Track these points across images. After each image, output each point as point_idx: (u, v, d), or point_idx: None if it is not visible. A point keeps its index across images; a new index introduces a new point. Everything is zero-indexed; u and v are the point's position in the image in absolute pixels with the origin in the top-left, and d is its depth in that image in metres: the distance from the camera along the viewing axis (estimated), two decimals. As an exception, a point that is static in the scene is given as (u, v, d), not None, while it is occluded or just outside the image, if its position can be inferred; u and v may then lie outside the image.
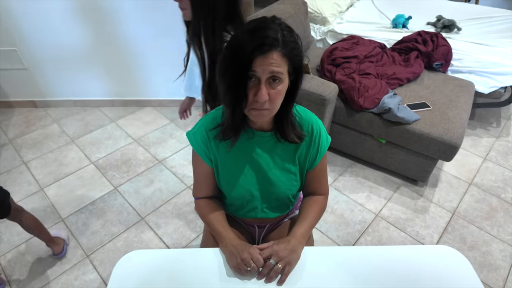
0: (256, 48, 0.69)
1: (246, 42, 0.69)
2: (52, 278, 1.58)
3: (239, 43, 0.71)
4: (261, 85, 0.72)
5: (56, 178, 2.10)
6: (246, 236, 1.13)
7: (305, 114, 0.90)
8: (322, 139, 0.91)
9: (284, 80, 0.74)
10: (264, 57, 0.69)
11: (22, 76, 2.49)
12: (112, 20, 2.23)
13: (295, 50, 0.73)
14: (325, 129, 0.94)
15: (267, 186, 0.94)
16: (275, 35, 0.69)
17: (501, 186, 2.10)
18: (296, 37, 0.74)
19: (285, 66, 0.72)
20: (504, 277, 1.63)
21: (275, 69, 0.70)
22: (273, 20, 0.73)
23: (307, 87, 1.84)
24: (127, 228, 1.81)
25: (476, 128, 2.57)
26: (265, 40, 0.69)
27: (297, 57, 0.74)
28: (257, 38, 0.69)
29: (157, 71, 2.52)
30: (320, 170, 0.96)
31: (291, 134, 0.86)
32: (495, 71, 2.27)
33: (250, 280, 0.84)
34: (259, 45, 0.69)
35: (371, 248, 0.98)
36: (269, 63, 0.70)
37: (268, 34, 0.69)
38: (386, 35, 2.64)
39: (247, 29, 0.72)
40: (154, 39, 2.34)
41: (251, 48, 0.69)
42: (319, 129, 0.90)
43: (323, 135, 0.91)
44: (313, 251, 0.93)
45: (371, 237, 1.80)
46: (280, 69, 0.71)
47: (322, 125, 0.92)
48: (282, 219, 1.14)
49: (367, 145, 2.10)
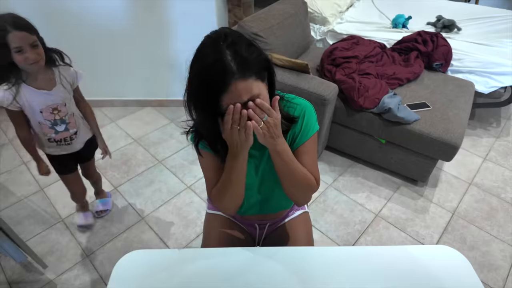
0: (217, 89, 0.68)
1: (206, 84, 0.69)
2: (52, 278, 1.58)
3: (200, 84, 0.70)
4: (242, 111, 0.70)
5: (56, 178, 2.07)
6: (245, 236, 1.13)
7: (293, 100, 0.89)
8: (306, 119, 0.88)
9: (262, 91, 0.72)
10: (229, 93, 0.68)
11: (22, 76, 2.49)
12: (112, 20, 2.23)
13: (254, 60, 0.70)
14: (314, 115, 0.90)
15: (264, 179, 0.95)
16: (227, 66, 0.66)
17: (501, 186, 2.10)
18: (250, 45, 0.71)
19: (257, 80, 0.70)
20: (504, 277, 1.63)
21: (244, 99, 0.69)
22: (217, 41, 0.69)
23: (307, 87, 1.84)
24: (127, 228, 1.81)
25: (476, 128, 2.57)
26: (220, 76, 0.66)
27: (260, 63, 0.72)
28: (213, 76, 0.67)
29: (157, 71, 2.52)
30: (303, 153, 0.89)
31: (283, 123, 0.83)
32: (495, 71, 2.26)
33: (251, 278, 0.84)
34: (219, 84, 0.67)
35: (371, 248, 0.98)
36: (237, 96, 0.69)
37: (223, 68, 0.66)
38: (386, 35, 2.64)
39: (200, 66, 0.70)
40: (155, 39, 2.34)
41: (213, 91, 0.68)
42: (305, 110, 0.88)
43: (308, 116, 0.88)
44: (313, 251, 0.93)
45: (371, 237, 1.80)
46: (257, 91, 0.70)
47: (309, 108, 0.89)
48: (281, 219, 1.14)
49: (367, 145, 2.10)
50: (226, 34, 0.70)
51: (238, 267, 0.88)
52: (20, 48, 1.10)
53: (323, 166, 2.22)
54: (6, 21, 1.09)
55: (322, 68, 2.19)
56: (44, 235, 1.77)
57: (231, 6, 2.87)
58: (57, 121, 1.35)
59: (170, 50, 2.39)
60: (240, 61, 0.67)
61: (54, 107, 1.31)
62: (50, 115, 1.32)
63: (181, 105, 0.80)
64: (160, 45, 2.37)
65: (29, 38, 1.12)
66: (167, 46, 2.37)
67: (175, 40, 2.35)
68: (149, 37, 2.33)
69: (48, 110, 1.30)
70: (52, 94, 1.28)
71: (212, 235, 1.10)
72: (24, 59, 1.12)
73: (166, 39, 2.33)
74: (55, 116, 1.33)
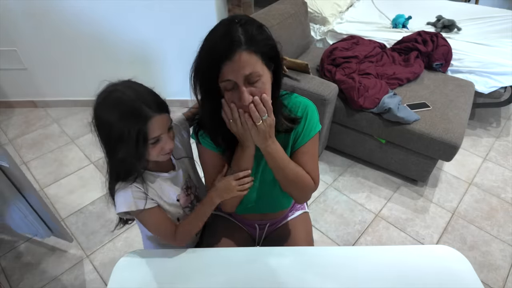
0: (222, 55, 0.67)
1: (211, 51, 0.69)
2: (52, 278, 1.58)
3: (205, 53, 0.71)
4: (241, 89, 0.70)
5: (56, 178, 2.09)
6: (245, 236, 1.13)
7: (294, 100, 0.89)
8: (309, 119, 0.88)
9: (264, 74, 0.71)
10: (232, 61, 0.67)
11: (22, 76, 2.49)
12: (112, 20, 2.23)
13: (263, 41, 0.70)
14: (317, 114, 0.90)
15: (264, 178, 0.95)
16: (235, 36, 0.67)
17: (501, 186, 2.10)
18: (261, 27, 0.71)
19: (259, 61, 0.70)
20: (504, 277, 1.63)
21: (245, 72, 0.68)
22: (232, 20, 0.70)
23: (307, 87, 1.84)
24: (127, 228, 1.81)
25: (476, 128, 2.57)
26: (227, 44, 0.67)
27: (267, 46, 0.72)
28: (220, 45, 0.67)
29: (157, 72, 2.52)
30: (305, 154, 0.89)
31: (281, 122, 0.83)
32: (495, 71, 2.26)
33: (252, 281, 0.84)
34: (224, 51, 0.67)
35: (371, 248, 0.98)
36: (239, 66, 0.67)
37: (231, 38, 0.67)
38: (386, 35, 2.63)
39: (209, 39, 0.71)
40: (155, 39, 2.34)
41: (217, 57, 0.68)
42: (308, 109, 0.88)
43: (311, 117, 0.88)
44: (313, 251, 0.93)
45: (371, 237, 1.80)
46: (252, 68, 0.69)
47: (313, 107, 0.89)
48: (281, 219, 1.14)
49: (367, 145, 2.10)
50: (241, 17, 0.71)
51: (238, 267, 0.88)
52: (159, 137, 0.77)
53: (323, 166, 2.22)
54: (140, 97, 0.73)
55: (322, 68, 2.19)
56: (44, 235, 1.77)
57: (231, 6, 2.88)
58: (194, 203, 0.98)
59: (170, 50, 2.39)
60: (249, 36, 0.68)
61: (186, 186, 0.95)
62: (186, 198, 0.95)
63: (182, 105, 0.81)
64: (161, 45, 2.37)
65: (168, 120, 0.79)
66: (167, 47, 2.37)
67: (176, 41, 2.34)
68: (149, 38, 2.33)
69: (184, 193, 0.94)
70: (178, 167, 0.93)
71: (212, 235, 1.10)
72: (160, 149, 0.79)
73: (167, 39, 2.33)
74: (191, 198, 0.97)
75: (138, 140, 0.72)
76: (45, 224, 1.51)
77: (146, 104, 0.72)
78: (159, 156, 0.81)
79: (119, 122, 0.72)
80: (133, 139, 0.72)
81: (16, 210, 1.41)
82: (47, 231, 1.55)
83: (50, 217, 1.47)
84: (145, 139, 0.74)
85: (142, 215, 0.83)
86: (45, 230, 1.54)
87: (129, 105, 0.72)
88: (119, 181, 0.82)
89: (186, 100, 2.51)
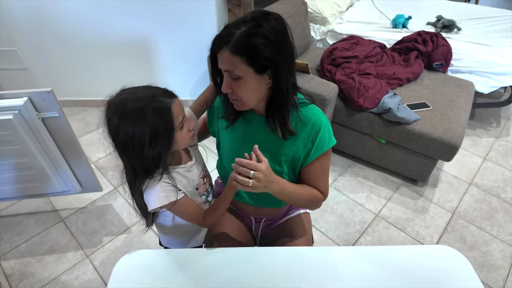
0: (215, 47, 0.76)
1: (214, 39, 0.77)
2: (52, 278, 1.58)
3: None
4: (224, 78, 0.78)
5: (56, 178, 2.09)
6: (244, 224, 1.14)
7: (308, 112, 0.89)
8: (320, 137, 0.89)
9: (244, 76, 0.75)
10: (219, 54, 0.76)
11: (22, 76, 2.49)
12: (112, 20, 2.23)
13: (251, 47, 0.72)
14: (330, 130, 0.91)
15: None
16: (225, 34, 0.73)
17: (501, 186, 2.10)
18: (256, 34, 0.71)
19: (240, 63, 0.73)
20: (504, 277, 1.63)
21: (224, 67, 0.76)
22: (246, 18, 0.74)
23: (307, 87, 1.84)
24: (127, 228, 1.81)
25: (476, 128, 2.57)
26: (219, 39, 0.74)
27: (254, 52, 0.72)
28: (216, 37, 0.76)
29: (157, 72, 2.52)
30: (316, 169, 0.93)
31: (278, 128, 0.86)
32: (495, 71, 2.27)
33: (252, 277, 0.84)
34: (216, 44, 0.75)
35: (371, 248, 0.98)
36: (221, 60, 0.76)
37: (221, 33, 0.74)
38: (386, 35, 2.63)
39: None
40: (155, 40, 2.34)
41: (213, 47, 0.77)
42: (320, 126, 0.89)
43: (323, 134, 0.89)
44: (313, 251, 0.93)
45: (371, 237, 1.80)
46: (231, 67, 0.75)
47: (325, 123, 0.90)
48: (280, 217, 1.15)
49: (367, 145, 2.10)
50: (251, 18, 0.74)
51: (238, 267, 0.88)
52: (183, 120, 0.80)
53: (323, 166, 2.22)
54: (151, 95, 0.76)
55: (322, 68, 2.19)
56: (44, 235, 1.77)
57: (231, 6, 2.87)
58: (209, 190, 1.03)
59: (170, 50, 2.39)
60: (236, 40, 0.72)
61: (203, 174, 0.99)
62: (203, 187, 0.99)
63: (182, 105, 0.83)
64: (161, 45, 2.37)
65: (181, 102, 0.81)
66: (168, 47, 2.37)
67: (176, 41, 2.34)
68: (149, 38, 2.33)
69: (201, 182, 0.97)
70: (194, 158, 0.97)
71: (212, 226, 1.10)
72: (187, 131, 0.83)
73: (167, 39, 2.33)
74: (206, 186, 1.01)
75: (167, 129, 0.76)
76: (77, 180, 1.62)
77: (161, 96, 0.76)
78: (188, 140, 0.85)
79: (149, 126, 0.75)
80: (163, 132, 0.76)
81: (52, 168, 1.49)
82: (78, 187, 1.64)
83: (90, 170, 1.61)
84: (172, 127, 0.77)
85: (175, 206, 0.87)
86: (77, 185, 1.63)
87: (149, 107, 0.74)
88: (147, 179, 0.84)
89: (186, 100, 2.52)
